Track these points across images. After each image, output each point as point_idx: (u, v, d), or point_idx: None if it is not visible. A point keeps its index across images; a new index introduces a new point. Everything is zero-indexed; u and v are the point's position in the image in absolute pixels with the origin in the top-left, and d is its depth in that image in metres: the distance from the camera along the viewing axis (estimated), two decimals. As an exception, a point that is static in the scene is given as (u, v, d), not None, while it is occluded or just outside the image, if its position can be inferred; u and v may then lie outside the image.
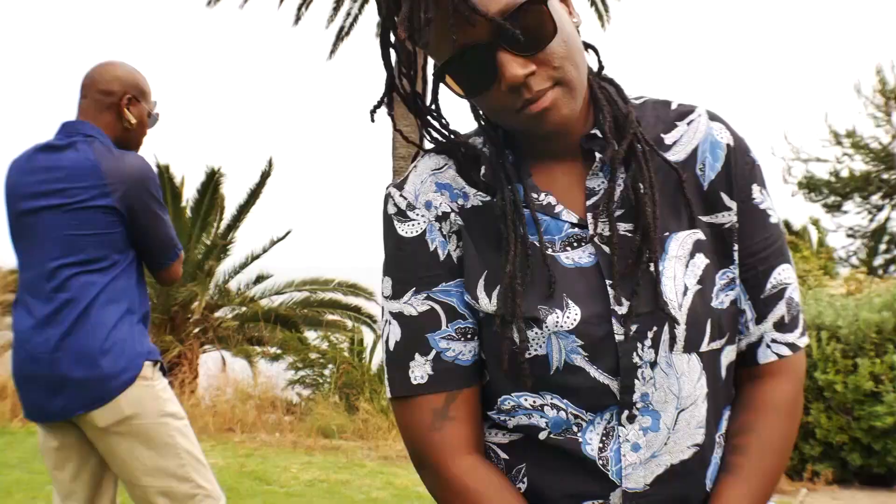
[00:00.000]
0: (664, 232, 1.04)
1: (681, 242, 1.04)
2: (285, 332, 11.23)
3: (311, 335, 11.54)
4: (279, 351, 10.79)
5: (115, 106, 2.57)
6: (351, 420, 7.90)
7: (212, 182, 11.58)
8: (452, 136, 1.09)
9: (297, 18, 14.13)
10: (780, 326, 1.10)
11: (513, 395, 1.05)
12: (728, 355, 1.08)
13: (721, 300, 1.05)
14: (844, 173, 17.98)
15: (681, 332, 1.00)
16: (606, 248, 1.03)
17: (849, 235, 18.42)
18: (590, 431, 1.02)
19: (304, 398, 9.72)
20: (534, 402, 1.03)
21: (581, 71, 1.00)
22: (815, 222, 17.16)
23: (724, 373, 1.07)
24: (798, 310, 1.12)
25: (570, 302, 1.00)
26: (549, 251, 1.03)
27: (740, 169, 1.09)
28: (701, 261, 1.04)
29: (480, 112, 1.09)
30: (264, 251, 12.14)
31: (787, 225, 16.43)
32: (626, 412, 1.01)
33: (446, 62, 0.98)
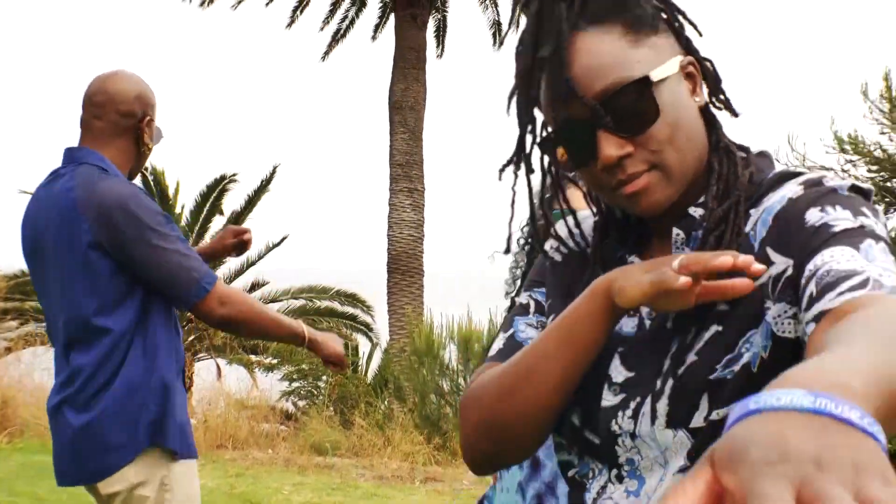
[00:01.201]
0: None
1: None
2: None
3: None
4: (275, 361, 10.62)
5: (135, 129, 2.28)
6: (346, 436, 7.73)
7: (217, 188, 11.45)
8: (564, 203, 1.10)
9: (291, 21, 14.01)
10: (810, 303, 0.83)
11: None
12: None
13: (731, 369, 0.93)
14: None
15: (662, 406, 0.96)
16: (647, 322, 1.02)
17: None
18: (595, 481, 1.04)
19: (299, 408, 9.56)
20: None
21: (685, 155, 0.98)
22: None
23: None
24: (834, 276, 0.83)
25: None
26: None
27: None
28: (712, 330, 0.96)
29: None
30: (259, 258, 11.98)
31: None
32: (614, 471, 1.02)
33: (551, 133, 1.01)
